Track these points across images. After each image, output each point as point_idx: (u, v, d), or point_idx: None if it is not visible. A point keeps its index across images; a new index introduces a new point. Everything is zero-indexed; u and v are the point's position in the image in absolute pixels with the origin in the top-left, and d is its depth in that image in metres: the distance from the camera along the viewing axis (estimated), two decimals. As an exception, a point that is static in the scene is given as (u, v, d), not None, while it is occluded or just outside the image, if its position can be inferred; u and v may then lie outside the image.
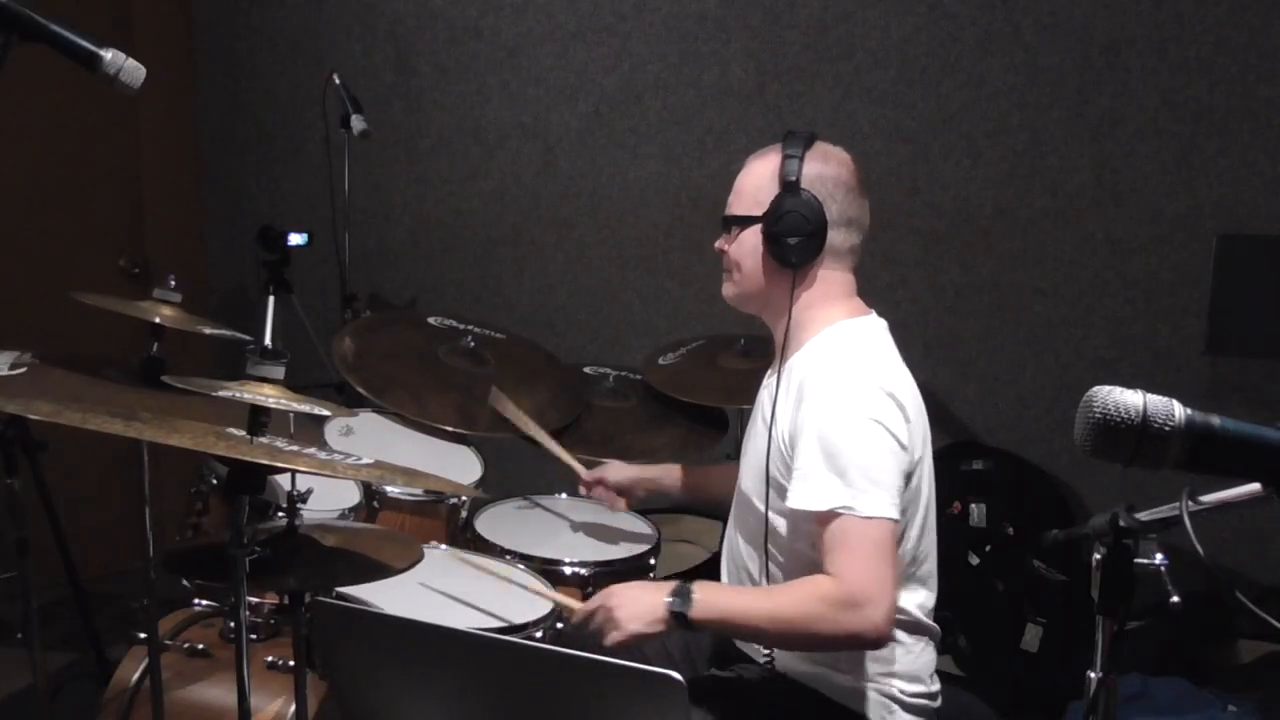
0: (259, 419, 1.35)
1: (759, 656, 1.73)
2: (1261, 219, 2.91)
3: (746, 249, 1.71)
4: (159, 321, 1.79)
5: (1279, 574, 2.91)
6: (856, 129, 3.23)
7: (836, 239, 1.67)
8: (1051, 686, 2.69)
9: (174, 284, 1.84)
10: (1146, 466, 0.96)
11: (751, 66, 3.34)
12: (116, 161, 3.75)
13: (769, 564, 1.68)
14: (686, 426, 2.60)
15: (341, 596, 1.76)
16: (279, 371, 1.38)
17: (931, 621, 1.69)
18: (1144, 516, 1.07)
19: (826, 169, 1.67)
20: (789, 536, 1.64)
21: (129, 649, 1.93)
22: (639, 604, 1.58)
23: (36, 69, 1.71)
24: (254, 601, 1.93)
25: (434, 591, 1.92)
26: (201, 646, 1.90)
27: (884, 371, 1.62)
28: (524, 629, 1.83)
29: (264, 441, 1.34)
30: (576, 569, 2.11)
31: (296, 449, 1.35)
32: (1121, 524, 1.07)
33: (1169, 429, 0.95)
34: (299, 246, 3.31)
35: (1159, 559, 1.06)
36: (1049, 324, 3.15)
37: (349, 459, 1.39)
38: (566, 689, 1.20)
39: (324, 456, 1.36)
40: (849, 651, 1.62)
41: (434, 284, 3.81)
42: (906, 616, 1.64)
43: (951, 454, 3.09)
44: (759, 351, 2.61)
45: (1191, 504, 1.02)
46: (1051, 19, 3.03)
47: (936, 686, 1.71)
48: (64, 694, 2.67)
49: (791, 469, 1.59)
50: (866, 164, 3.13)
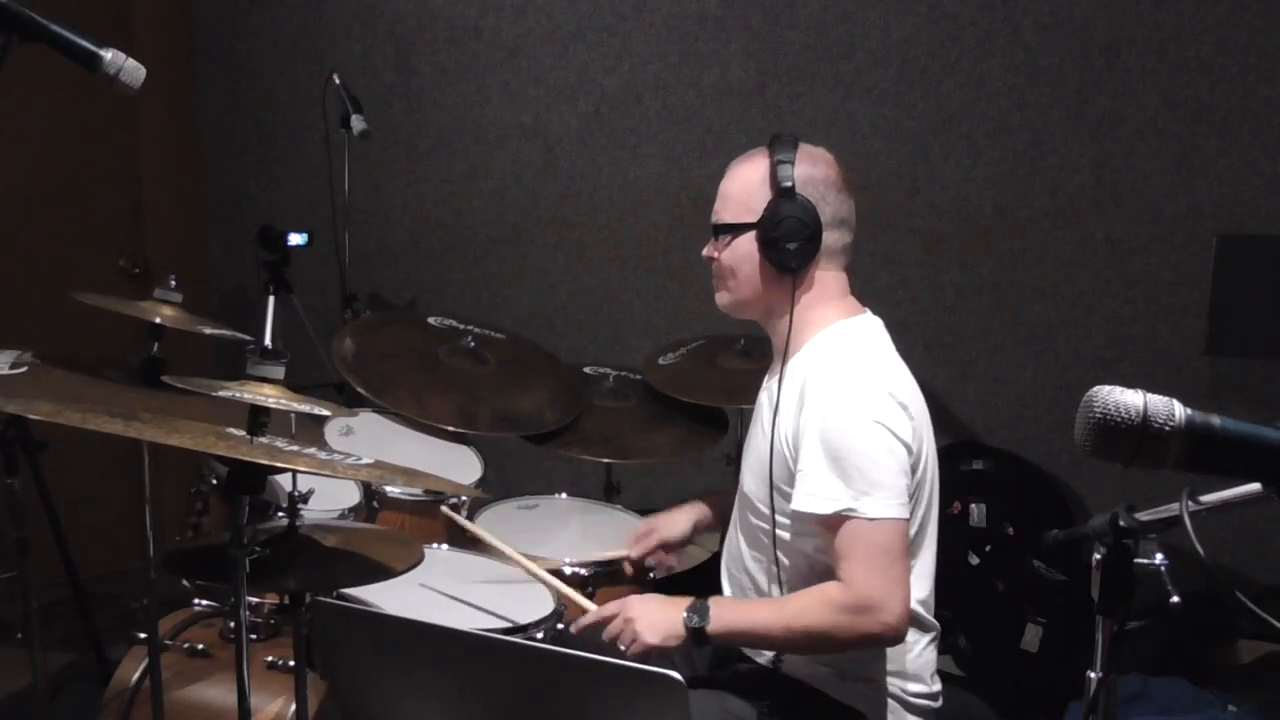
0: (259, 419, 1.35)
1: (759, 656, 1.73)
2: (1261, 219, 2.91)
3: (741, 256, 1.70)
4: (159, 321, 1.79)
5: (1279, 574, 2.91)
6: (856, 129, 3.23)
7: (831, 240, 1.67)
8: (1051, 686, 2.69)
9: (174, 284, 1.84)
10: (1146, 466, 0.96)
11: (751, 66, 3.34)
12: (116, 161, 3.74)
13: (778, 566, 1.67)
14: (686, 426, 2.60)
15: (342, 597, 1.76)
16: (279, 371, 1.38)
17: (931, 618, 1.69)
18: (1144, 516, 1.07)
19: (816, 171, 1.67)
20: (791, 538, 1.64)
21: (129, 649, 1.93)
22: (657, 618, 1.61)
23: (36, 69, 1.71)
24: (254, 601, 1.93)
25: (434, 591, 1.92)
26: (201, 646, 1.90)
27: (884, 371, 1.62)
28: (524, 629, 1.83)
29: (264, 441, 1.34)
30: (576, 569, 2.11)
31: (296, 449, 1.35)
32: (1121, 524, 1.06)
33: (1169, 429, 0.95)
34: (299, 246, 3.31)
35: (1159, 559, 1.06)
36: (1049, 324, 3.15)
37: (349, 459, 1.39)
38: (566, 689, 1.20)
39: (324, 456, 1.36)
40: (859, 654, 1.62)
41: (434, 284, 3.81)
42: (911, 615, 1.64)
43: (951, 454, 3.09)
44: (759, 351, 2.61)
45: (1191, 504, 1.02)
46: (1051, 19, 3.03)
47: (937, 686, 1.71)
48: (64, 694, 2.67)
49: (794, 472, 1.59)
50: (866, 164, 3.18)
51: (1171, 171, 2.98)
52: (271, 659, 1.82)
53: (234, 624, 1.47)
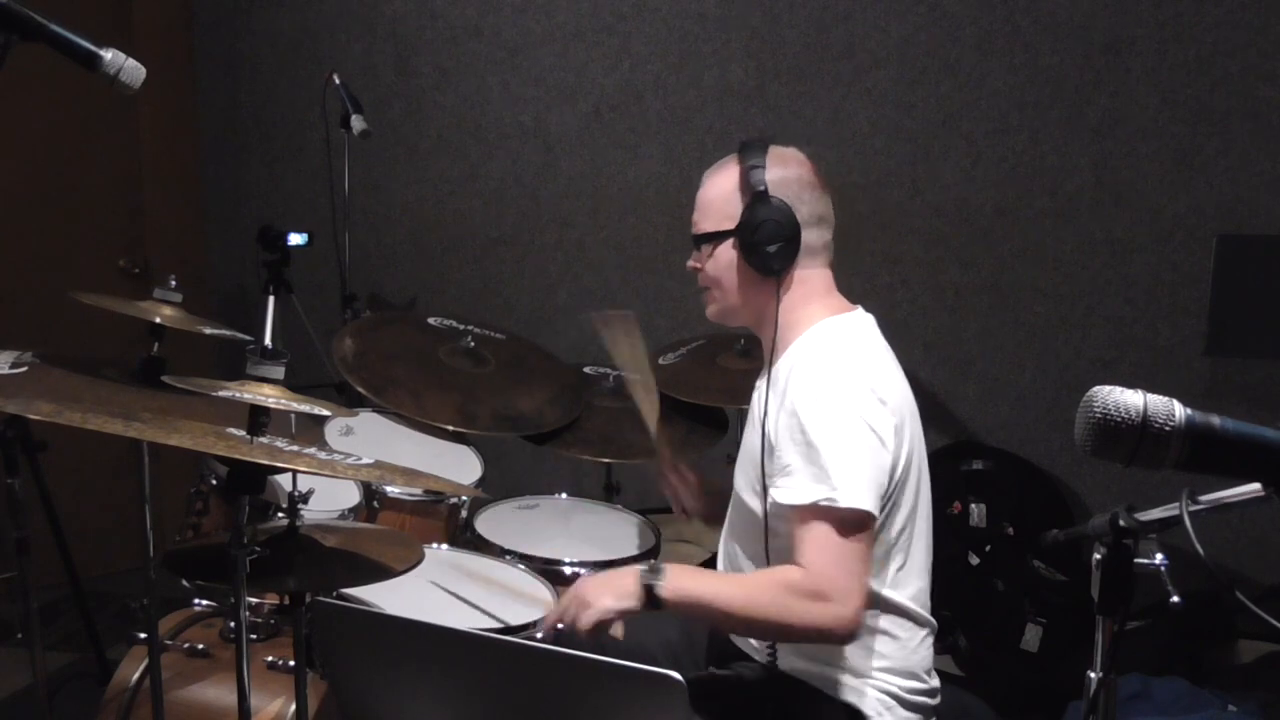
0: (259, 419, 1.35)
1: (759, 655, 1.73)
2: (1261, 219, 2.91)
3: (723, 264, 1.71)
4: (159, 321, 1.79)
5: (1279, 574, 2.91)
6: (856, 129, 3.23)
7: (810, 238, 1.68)
8: (1051, 686, 2.69)
9: (174, 284, 1.84)
10: (1146, 466, 0.96)
11: (751, 66, 3.34)
12: (116, 161, 3.74)
13: (768, 565, 1.68)
14: (686, 426, 2.60)
15: (342, 597, 1.76)
16: (279, 371, 1.38)
17: (928, 614, 1.69)
18: (1144, 516, 1.07)
19: (788, 172, 1.67)
20: (780, 538, 1.65)
21: (129, 649, 1.93)
22: (611, 580, 1.60)
23: (36, 69, 1.72)
24: (254, 601, 1.93)
25: (434, 591, 1.92)
26: (201, 646, 1.90)
27: (866, 367, 1.61)
28: (524, 629, 1.83)
29: (264, 441, 1.34)
30: (576, 569, 2.11)
31: (296, 449, 1.35)
32: (1121, 524, 1.06)
33: (1169, 429, 0.95)
34: (299, 246, 3.31)
35: (1159, 559, 1.06)
36: (1049, 324, 3.15)
37: (349, 459, 1.39)
38: (566, 689, 1.20)
39: (324, 456, 1.36)
40: (850, 647, 1.62)
41: (434, 284, 3.81)
42: (902, 610, 1.64)
43: (951, 454, 3.09)
44: (758, 351, 2.60)
45: (1191, 504, 1.02)
46: (1051, 19, 3.04)
47: (935, 682, 1.71)
48: (64, 694, 2.67)
49: (778, 468, 1.60)
50: (866, 164, 3.19)
51: (1171, 171, 2.98)
52: (271, 659, 1.82)
53: (234, 624, 1.47)
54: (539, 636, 1.72)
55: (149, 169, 3.83)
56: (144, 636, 1.85)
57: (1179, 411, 0.96)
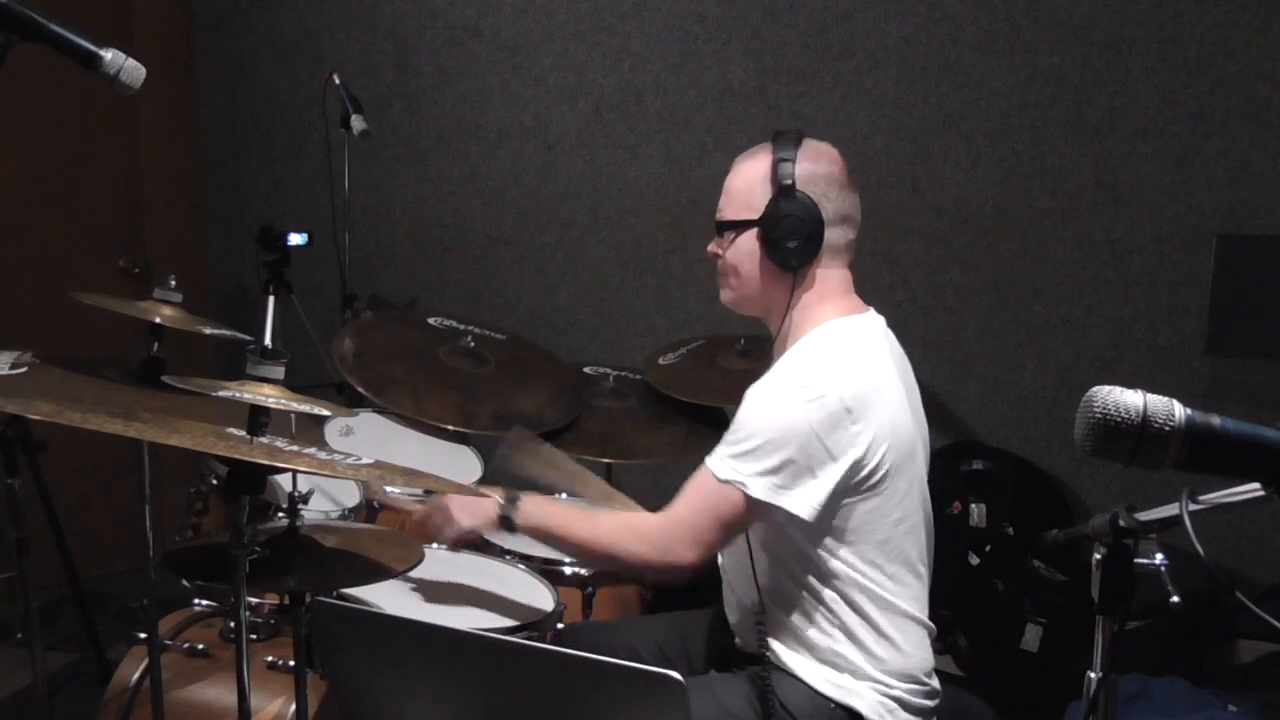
0: (259, 419, 1.35)
1: (758, 655, 1.73)
2: (1261, 219, 2.91)
3: (743, 253, 1.70)
4: (159, 321, 1.79)
5: (1279, 574, 2.91)
6: (856, 129, 3.23)
7: (833, 237, 1.67)
8: (1051, 686, 2.69)
9: (174, 284, 1.84)
10: (1146, 466, 0.96)
11: (751, 66, 3.34)
12: (116, 161, 3.75)
13: (767, 562, 1.68)
14: (686, 426, 2.60)
15: (342, 597, 1.76)
16: (279, 371, 1.38)
17: (926, 617, 1.69)
18: (1144, 516, 1.07)
19: (818, 168, 1.66)
20: (768, 538, 1.66)
21: (129, 649, 1.94)
22: (473, 504, 1.78)
23: (36, 69, 1.72)
24: (254, 601, 1.93)
25: (434, 591, 1.92)
26: (201, 646, 1.90)
27: (846, 378, 1.59)
28: (524, 629, 1.83)
29: (264, 441, 1.34)
30: (576, 569, 2.11)
31: (296, 449, 1.35)
32: (1121, 524, 1.07)
33: (1169, 429, 0.95)
34: (299, 246, 3.31)
35: (1159, 559, 1.06)
36: (1049, 324, 3.15)
37: (349, 459, 1.39)
38: (566, 689, 1.20)
39: (324, 456, 1.36)
40: (849, 650, 1.62)
41: (434, 284, 3.81)
42: (900, 614, 1.64)
43: (951, 454, 3.09)
44: (759, 351, 2.61)
45: (1191, 504, 1.02)
46: (1051, 19, 3.04)
47: (935, 684, 1.71)
48: (64, 694, 2.67)
49: None
50: (866, 164, 3.19)
51: (1171, 171, 2.98)
52: (271, 659, 1.82)
53: (234, 624, 1.47)
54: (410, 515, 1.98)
55: (149, 169, 3.84)
56: (144, 636, 1.85)
57: (1179, 411, 0.96)
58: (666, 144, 3.46)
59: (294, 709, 1.70)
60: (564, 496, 2.52)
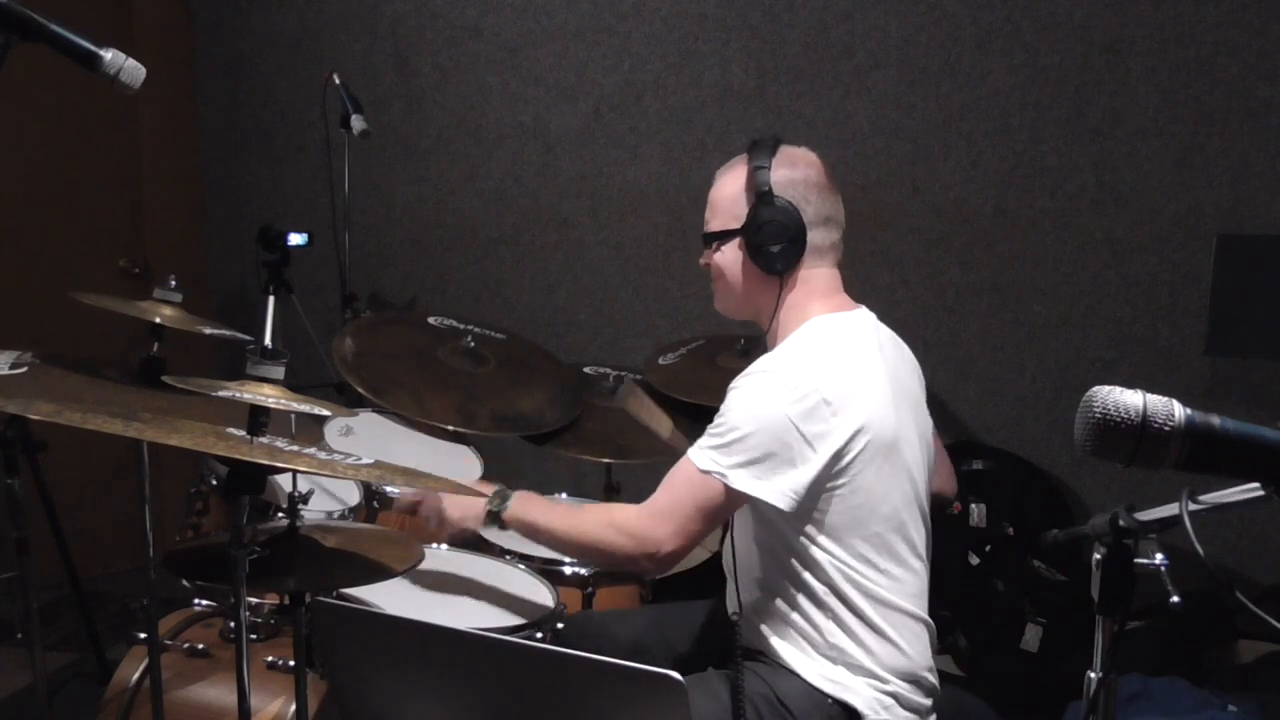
0: (259, 419, 1.35)
1: (758, 653, 1.73)
2: (1261, 219, 2.91)
3: (729, 261, 1.75)
4: (159, 321, 1.79)
5: (1279, 574, 2.91)
6: (856, 129, 3.23)
7: (816, 238, 1.70)
8: (1051, 686, 2.69)
9: (174, 284, 1.84)
10: (1146, 466, 0.96)
11: (751, 66, 3.34)
12: (116, 161, 3.75)
13: (768, 561, 1.69)
14: (686, 426, 2.59)
15: (342, 597, 1.77)
16: (279, 371, 1.38)
17: (925, 614, 1.69)
18: (1144, 516, 1.07)
19: (795, 173, 1.69)
20: (764, 523, 1.67)
21: (129, 649, 1.94)
22: (464, 501, 1.83)
23: (36, 69, 1.71)
24: (254, 601, 1.93)
25: (434, 591, 1.93)
26: (201, 646, 1.90)
27: (821, 367, 1.61)
28: (524, 629, 1.83)
29: (264, 441, 1.34)
30: (576, 569, 2.11)
31: (296, 449, 1.35)
32: (1121, 524, 1.07)
33: (1169, 429, 0.95)
34: (299, 246, 3.31)
35: (1159, 559, 1.06)
36: (1049, 324, 3.15)
37: (349, 459, 1.39)
38: (566, 689, 1.20)
39: (324, 456, 1.36)
40: (844, 645, 1.62)
41: (434, 284, 3.81)
42: (897, 609, 1.64)
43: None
44: (759, 351, 2.60)
45: (1191, 504, 1.02)
46: (1051, 19, 3.03)
47: (934, 682, 1.71)
48: (64, 694, 2.67)
49: None
50: (866, 164, 3.19)
51: (1171, 171, 2.98)
52: (271, 659, 1.82)
53: (234, 624, 1.47)
54: (394, 508, 2.08)
55: (149, 169, 3.84)
56: (144, 636, 1.86)
57: (1179, 411, 0.96)
58: (666, 144, 3.46)
59: (294, 709, 1.70)
60: (564, 496, 2.52)
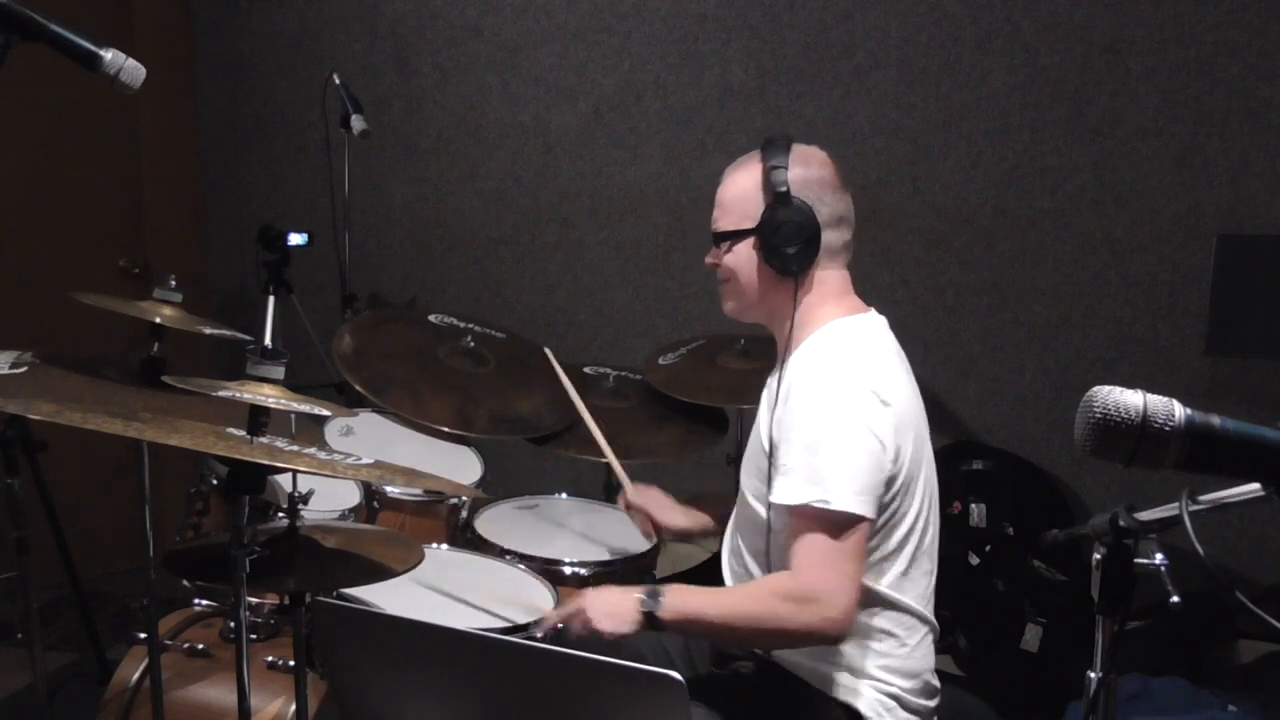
0: (259, 419, 1.35)
1: (759, 654, 1.73)
2: (1261, 219, 2.91)
3: (742, 262, 1.71)
4: (159, 321, 1.79)
5: (1279, 574, 2.91)
6: (856, 129, 3.23)
7: (830, 239, 1.68)
8: (1051, 686, 2.69)
9: (174, 284, 1.84)
10: (1146, 466, 0.96)
11: (751, 66, 3.34)
12: (116, 161, 3.74)
13: (770, 562, 1.68)
14: (686, 426, 2.60)
15: (342, 597, 1.76)
16: (279, 371, 1.38)
17: (931, 615, 1.69)
18: (1144, 516, 1.07)
19: (810, 172, 1.67)
20: (778, 532, 1.65)
21: (129, 649, 1.93)
22: (612, 605, 1.62)
23: (36, 69, 1.71)
24: (254, 601, 1.93)
25: (434, 591, 1.92)
26: (201, 646, 1.90)
27: (870, 369, 1.61)
28: (524, 629, 1.83)
29: (264, 441, 1.34)
30: (576, 569, 2.11)
31: (296, 449, 1.35)
32: (1121, 524, 1.07)
33: (1169, 429, 0.95)
34: (299, 246, 3.31)
35: (1159, 559, 1.06)
36: (1049, 324, 3.15)
37: (349, 459, 1.39)
38: (566, 689, 1.20)
39: (324, 456, 1.36)
40: (849, 647, 1.62)
41: (434, 284, 3.81)
42: (906, 609, 1.64)
43: (951, 454, 3.09)
44: (759, 351, 2.61)
45: (1191, 504, 1.02)
46: (1051, 19, 3.03)
47: (936, 684, 1.71)
48: (64, 694, 2.67)
49: (776, 466, 1.60)
50: (866, 164, 3.19)
51: (1171, 171, 2.98)
52: (271, 659, 1.82)
53: (234, 624, 1.47)
54: (539, 635, 1.74)
55: (149, 169, 3.83)
56: (144, 636, 1.85)
57: (1179, 411, 0.95)
58: (666, 144, 3.46)
59: (294, 709, 1.70)
60: (563, 496, 2.52)
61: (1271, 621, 1.00)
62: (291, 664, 1.73)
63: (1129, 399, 0.96)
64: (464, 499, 2.28)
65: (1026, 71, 3.07)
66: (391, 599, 1.79)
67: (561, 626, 1.66)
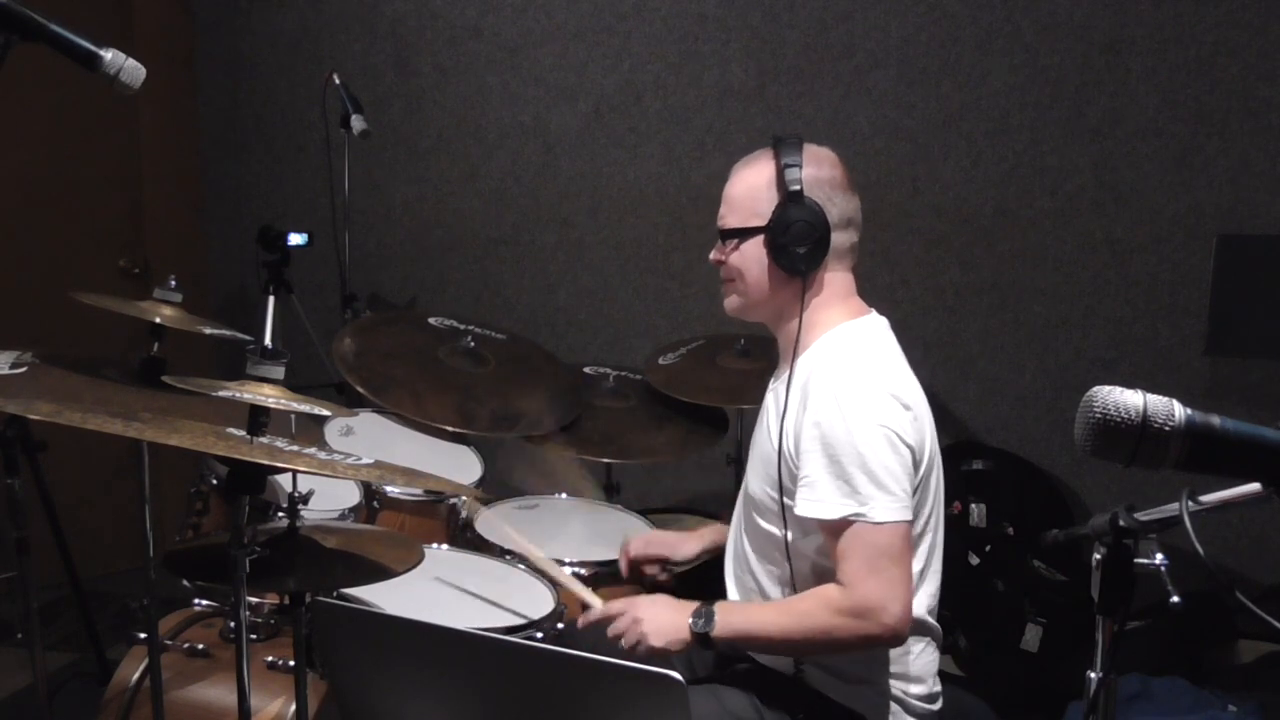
0: (259, 419, 1.35)
1: (759, 656, 1.73)
2: (1261, 219, 2.91)
3: (750, 260, 1.70)
4: (159, 321, 1.79)
5: (1279, 574, 2.91)
6: (856, 129, 3.23)
7: (839, 240, 1.67)
8: (1051, 686, 2.69)
9: (174, 284, 1.84)
10: (1146, 466, 0.96)
11: (751, 66, 3.34)
12: (116, 161, 3.74)
13: (791, 571, 1.67)
14: (686, 426, 2.60)
15: (342, 597, 1.76)
16: (279, 371, 1.38)
17: (934, 621, 1.69)
18: (1144, 516, 1.07)
19: (821, 172, 1.66)
20: (795, 541, 1.64)
21: (129, 649, 1.93)
22: (664, 621, 1.63)
23: (36, 69, 1.71)
24: (254, 601, 1.93)
25: (434, 592, 1.92)
26: (201, 646, 1.90)
27: (887, 372, 1.62)
28: (524, 629, 1.83)
29: (264, 441, 1.34)
30: (576, 569, 2.11)
31: (296, 449, 1.35)
32: (1121, 524, 1.06)
33: (1169, 429, 0.95)
34: (299, 246, 3.31)
35: (1159, 559, 1.06)
36: (1049, 324, 3.15)
37: (349, 459, 1.39)
38: (566, 689, 1.20)
39: (324, 456, 1.36)
40: (856, 655, 1.62)
41: (434, 284, 3.81)
42: (912, 617, 1.64)
43: (951, 454, 3.08)
44: (759, 351, 2.61)
45: (1191, 504, 1.02)
46: (1051, 19, 3.03)
47: (939, 688, 1.71)
48: (64, 694, 2.67)
49: (797, 475, 1.59)
50: (866, 164, 3.19)
51: (1171, 171, 2.98)
52: (271, 659, 1.82)
53: (234, 624, 1.47)
54: (579, 625, 1.78)
55: (149, 169, 3.83)
56: (144, 636, 1.85)
57: (1179, 411, 0.95)
58: (666, 144, 3.46)
59: (294, 709, 1.70)
60: (563, 496, 2.52)
61: (1271, 621, 1.00)
62: (291, 664, 1.73)
63: (1129, 399, 0.96)
64: (464, 499, 2.28)
65: (1026, 71, 3.07)
66: (392, 599, 1.79)
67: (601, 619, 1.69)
